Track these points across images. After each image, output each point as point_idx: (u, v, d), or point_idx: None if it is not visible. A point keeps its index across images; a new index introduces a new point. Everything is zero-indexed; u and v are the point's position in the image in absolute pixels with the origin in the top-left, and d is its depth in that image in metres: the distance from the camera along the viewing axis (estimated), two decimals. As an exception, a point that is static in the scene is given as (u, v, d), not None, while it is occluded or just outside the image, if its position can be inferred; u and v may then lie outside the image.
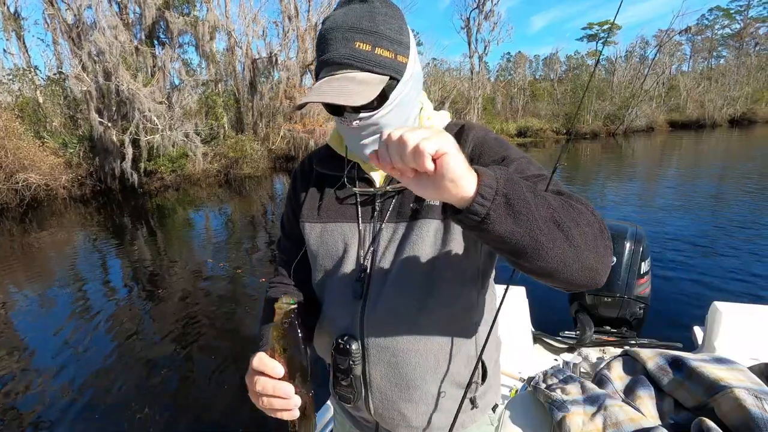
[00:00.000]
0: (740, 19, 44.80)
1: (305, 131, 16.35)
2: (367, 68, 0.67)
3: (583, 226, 0.55)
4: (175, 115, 12.69)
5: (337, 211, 0.83)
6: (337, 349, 0.79)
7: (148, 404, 2.94)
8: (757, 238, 5.81)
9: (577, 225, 0.54)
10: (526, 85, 34.06)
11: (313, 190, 0.88)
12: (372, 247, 0.79)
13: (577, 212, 0.55)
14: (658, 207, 8.13)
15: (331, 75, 0.68)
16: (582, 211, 0.57)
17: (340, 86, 0.66)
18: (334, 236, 0.82)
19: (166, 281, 5.42)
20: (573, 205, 0.57)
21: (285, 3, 17.38)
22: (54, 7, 11.83)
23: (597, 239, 0.56)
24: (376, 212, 0.80)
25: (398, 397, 0.80)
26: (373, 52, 0.67)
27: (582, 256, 0.54)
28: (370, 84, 0.67)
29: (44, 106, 13.60)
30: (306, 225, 0.86)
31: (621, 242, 2.13)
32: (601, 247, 0.56)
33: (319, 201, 0.86)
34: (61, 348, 3.79)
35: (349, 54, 0.67)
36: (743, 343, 1.71)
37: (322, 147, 0.91)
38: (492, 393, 0.91)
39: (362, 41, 0.67)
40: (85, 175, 12.12)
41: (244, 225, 8.62)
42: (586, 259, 0.54)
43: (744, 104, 36.26)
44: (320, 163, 0.88)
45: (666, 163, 15.78)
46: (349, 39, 0.67)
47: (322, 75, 0.70)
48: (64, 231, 8.56)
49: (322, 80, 0.69)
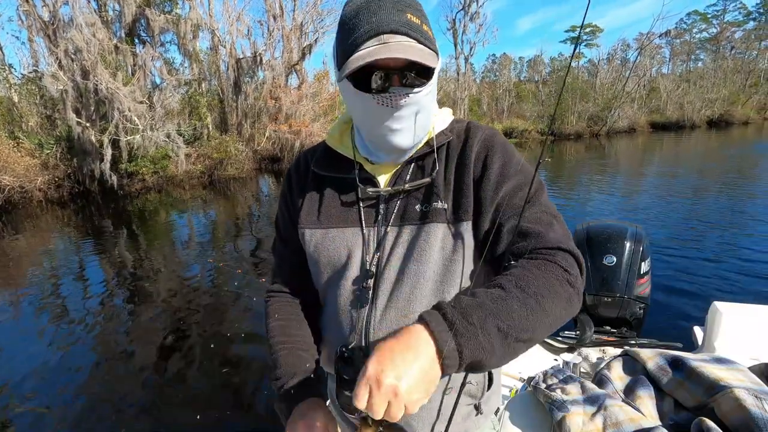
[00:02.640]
0: (717, 24, 46.27)
1: (291, 132, 16.22)
2: (421, 40, 0.64)
3: (551, 311, 0.58)
4: (157, 115, 12.43)
5: (339, 216, 0.79)
6: (342, 358, 0.75)
7: (128, 412, 2.85)
8: (758, 237, 5.91)
9: (545, 315, 0.57)
10: (511, 87, 34.48)
11: (311, 193, 0.83)
12: (378, 252, 0.75)
13: (545, 299, 0.58)
14: (658, 207, 8.25)
15: (382, 43, 0.62)
16: (550, 294, 0.59)
17: (408, 45, 0.62)
18: (336, 242, 0.78)
19: (148, 286, 5.27)
20: (540, 294, 0.58)
21: (270, 2, 17.24)
22: (29, 3, 11.47)
23: (565, 312, 0.60)
24: (380, 215, 0.76)
25: None
26: (422, 28, 0.65)
27: (554, 327, 0.60)
28: (428, 54, 0.64)
29: (19, 106, 13.18)
30: (306, 231, 0.81)
31: (621, 242, 2.14)
32: (568, 314, 0.61)
33: (319, 205, 0.81)
34: (36, 357, 3.64)
35: (406, 22, 0.62)
36: (743, 343, 1.71)
37: (319, 146, 0.86)
38: (495, 397, 0.90)
39: (413, 15, 0.64)
40: (62, 177, 11.78)
41: (229, 227, 8.47)
42: (556, 326, 0.60)
43: (721, 106, 37.34)
44: (318, 163, 0.82)
45: (661, 162, 16.14)
46: (401, 10, 0.63)
47: (367, 45, 0.62)
48: (41, 235, 8.30)
49: (375, 46, 0.62)
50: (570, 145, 24.48)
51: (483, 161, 0.72)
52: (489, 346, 0.51)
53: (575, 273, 0.62)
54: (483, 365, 0.53)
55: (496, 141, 0.75)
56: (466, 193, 0.71)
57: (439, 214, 0.72)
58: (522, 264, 0.62)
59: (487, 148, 0.73)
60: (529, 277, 0.59)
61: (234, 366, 3.35)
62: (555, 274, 0.60)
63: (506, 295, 0.56)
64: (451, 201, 0.72)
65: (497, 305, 0.55)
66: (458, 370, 0.52)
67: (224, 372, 3.28)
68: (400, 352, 0.50)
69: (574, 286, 0.61)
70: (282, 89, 16.89)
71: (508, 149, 0.75)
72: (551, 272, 0.60)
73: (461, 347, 0.50)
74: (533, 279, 0.59)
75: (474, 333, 0.51)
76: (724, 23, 45.76)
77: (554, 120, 5.43)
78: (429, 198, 0.74)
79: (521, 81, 42.39)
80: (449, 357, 0.50)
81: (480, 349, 0.51)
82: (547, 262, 0.62)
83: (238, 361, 3.41)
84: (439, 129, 0.78)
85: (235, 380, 3.16)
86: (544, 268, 0.61)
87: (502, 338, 0.53)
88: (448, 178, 0.74)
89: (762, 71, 43.62)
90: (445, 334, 0.50)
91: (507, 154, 0.73)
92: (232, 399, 2.93)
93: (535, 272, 0.60)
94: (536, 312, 0.56)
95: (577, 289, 0.62)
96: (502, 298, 0.56)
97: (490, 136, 0.75)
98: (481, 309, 0.54)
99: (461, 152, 0.75)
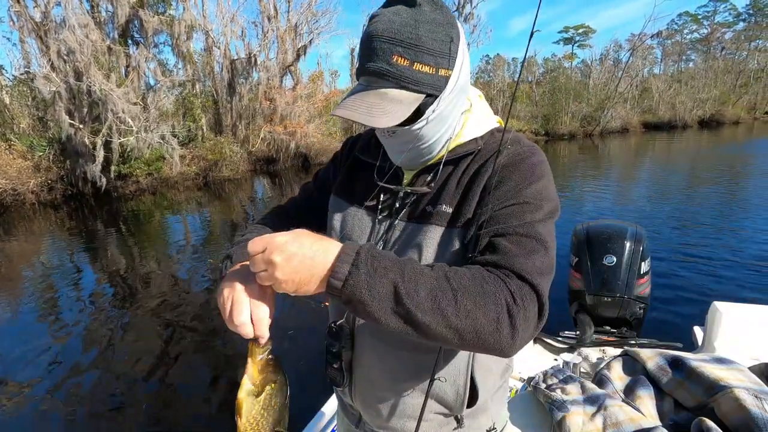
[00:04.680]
0: (707, 24, 46.70)
1: (286, 133, 16.17)
2: (402, 85, 0.65)
3: (464, 315, 0.53)
4: (151, 117, 12.32)
5: (361, 197, 0.85)
6: (330, 332, 0.83)
7: (124, 416, 2.83)
8: (757, 237, 5.95)
9: (455, 312, 0.53)
10: (505, 87, 34.54)
11: (349, 170, 0.91)
12: (382, 242, 0.80)
13: (464, 299, 0.54)
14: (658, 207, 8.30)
15: (364, 88, 0.67)
16: (474, 300, 0.54)
17: (371, 103, 0.65)
18: (353, 219, 0.84)
19: (142, 288, 5.23)
20: (463, 292, 0.54)
21: (264, 3, 17.18)
22: (20, 4, 11.34)
23: (483, 329, 0.54)
24: (394, 209, 0.80)
25: (378, 393, 0.82)
26: (411, 68, 0.64)
27: (461, 335, 0.54)
28: (403, 103, 0.65)
29: (11, 107, 13.02)
30: (333, 197, 0.90)
31: (621, 242, 2.14)
32: (487, 334, 0.54)
33: (350, 182, 0.89)
34: (30, 361, 3.60)
35: (385, 69, 0.64)
36: (743, 343, 1.72)
37: (370, 129, 0.90)
38: (484, 417, 0.85)
39: (401, 55, 0.63)
40: (55, 179, 11.64)
41: (224, 230, 8.43)
42: (464, 336, 0.54)
43: (712, 106, 37.69)
44: (362, 148, 0.90)
45: (655, 162, 16.25)
46: (387, 51, 0.63)
47: (360, 82, 0.69)
48: (34, 238, 8.21)
49: (355, 95, 0.67)
50: (564, 145, 24.61)
51: (500, 175, 0.70)
52: (375, 293, 0.52)
53: (523, 306, 0.55)
54: (362, 308, 0.53)
55: (525, 161, 0.71)
56: (470, 201, 0.71)
57: (440, 217, 0.73)
58: (471, 267, 0.59)
59: (512, 164, 0.70)
60: (464, 277, 0.56)
61: (233, 367, 3.34)
62: (496, 291, 0.55)
63: (429, 272, 0.55)
64: (455, 206, 0.73)
65: (411, 272, 0.54)
66: (340, 296, 0.54)
67: (223, 372, 3.27)
68: (306, 246, 0.54)
69: (513, 317, 0.54)
70: (277, 90, 16.82)
71: (534, 171, 0.70)
72: (493, 287, 0.55)
73: (350, 276, 0.53)
74: (467, 280, 0.55)
75: (369, 273, 0.53)
76: (714, 24, 46.18)
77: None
78: (437, 200, 0.75)
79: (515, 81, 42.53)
80: (336, 277, 0.53)
81: (366, 288, 0.52)
82: (497, 279, 0.56)
83: (237, 362, 3.40)
84: (471, 136, 0.76)
85: (234, 379, 3.14)
86: (489, 280, 0.56)
87: (392, 296, 0.53)
88: (461, 183, 0.74)
89: (752, 71, 44.11)
90: (347, 258, 0.54)
91: (529, 177, 0.69)
92: (231, 399, 2.91)
93: (476, 278, 0.56)
94: (445, 302, 0.53)
95: (514, 321, 0.54)
96: (420, 271, 0.55)
97: (521, 154, 0.72)
98: (393, 264, 0.54)
99: (485, 162, 0.74)
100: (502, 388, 0.89)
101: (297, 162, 17.11)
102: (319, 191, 0.96)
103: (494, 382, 0.85)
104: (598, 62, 37.88)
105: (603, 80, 34.95)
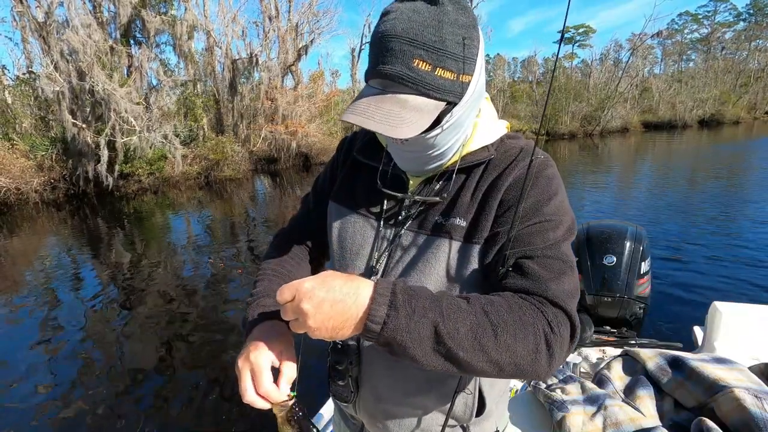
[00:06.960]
0: (708, 24, 46.61)
1: (287, 132, 16.17)
2: (422, 91, 0.59)
3: (506, 349, 0.54)
4: (153, 116, 12.33)
5: (364, 204, 0.80)
6: (335, 350, 0.79)
7: (126, 417, 2.84)
8: (757, 237, 5.95)
9: (496, 348, 0.53)
10: (505, 87, 34.50)
11: (348, 172, 0.85)
12: (387, 252, 0.76)
13: (505, 334, 0.54)
14: (657, 207, 8.29)
15: (380, 92, 0.60)
16: (515, 334, 0.54)
17: (388, 111, 0.58)
18: (353, 227, 0.80)
19: (144, 288, 5.25)
20: (503, 327, 0.54)
21: (265, 3, 17.18)
22: (23, 4, 11.35)
23: (524, 361, 0.55)
24: (400, 216, 0.76)
25: (385, 406, 0.79)
26: (434, 74, 0.58)
27: (503, 369, 0.55)
28: (423, 111, 0.59)
29: (13, 107, 13.03)
30: (331, 204, 0.85)
31: (621, 242, 2.14)
32: (527, 366, 0.55)
33: (351, 185, 0.83)
34: (32, 361, 3.61)
35: (405, 73, 0.57)
36: (743, 343, 1.72)
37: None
38: (488, 424, 0.85)
39: (423, 59, 0.57)
40: (57, 179, 11.66)
41: (226, 229, 8.44)
42: (507, 370, 0.55)
43: (712, 106, 37.62)
44: (361, 149, 0.84)
45: (655, 161, 16.22)
46: (407, 54, 0.57)
47: (372, 85, 0.62)
48: (37, 237, 8.22)
49: (369, 97, 0.60)
50: (564, 145, 24.54)
51: (518, 190, 0.67)
52: (416, 335, 0.51)
53: (559, 334, 0.56)
54: (403, 351, 0.51)
55: (541, 174, 0.68)
56: (487, 216, 0.68)
57: (454, 230, 0.69)
58: (505, 296, 0.58)
59: (528, 178, 0.66)
60: (501, 308, 0.55)
61: (233, 366, 3.35)
62: (534, 322, 0.55)
63: (467, 307, 0.54)
64: (470, 220, 0.69)
65: (449, 310, 0.53)
66: (377, 340, 0.51)
67: (223, 372, 3.28)
68: (335, 289, 0.51)
69: (551, 345, 0.55)
70: (278, 90, 16.82)
71: (551, 186, 0.68)
72: (531, 318, 0.55)
73: (388, 319, 0.50)
74: (505, 312, 0.55)
75: (409, 315, 0.51)
76: (714, 24, 46.11)
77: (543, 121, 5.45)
78: (449, 212, 0.71)
79: (515, 81, 42.46)
80: (373, 321, 0.50)
81: (406, 331, 0.50)
82: (533, 309, 0.57)
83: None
84: (482, 143, 0.72)
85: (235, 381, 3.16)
86: (526, 310, 0.56)
87: (433, 337, 0.51)
88: (476, 195, 0.70)
89: (752, 71, 44.02)
90: (382, 300, 0.51)
91: (548, 191, 0.67)
92: (231, 399, 2.93)
93: (514, 308, 0.56)
94: (485, 338, 0.52)
95: (552, 350, 0.55)
96: (458, 307, 0.54)
97: (537, 166, 0.68)
98: (431, 303, 0.53)
99: (500, 174, 0.70)
100: (504, 391, 0.90)
101: (298, 161, 17.11)
102: (317, 204, 0.91)
103: (500, 389, 0.85)
104: (599, 62, 37.83)
105: (603, 80, 34.89)
